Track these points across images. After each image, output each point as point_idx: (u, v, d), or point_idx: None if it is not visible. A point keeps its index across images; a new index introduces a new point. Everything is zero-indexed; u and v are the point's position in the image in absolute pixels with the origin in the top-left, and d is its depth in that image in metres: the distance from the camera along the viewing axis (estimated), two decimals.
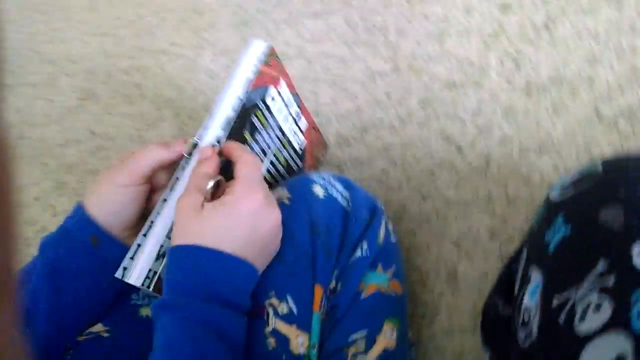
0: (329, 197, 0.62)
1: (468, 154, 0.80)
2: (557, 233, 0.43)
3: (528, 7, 0.89)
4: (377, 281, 0.60)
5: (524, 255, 0.49)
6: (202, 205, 0.48)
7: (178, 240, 0.47)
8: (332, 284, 0.58)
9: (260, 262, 0.50)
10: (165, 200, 0.55)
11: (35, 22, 1.39)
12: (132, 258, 0.54)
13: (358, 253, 0.59)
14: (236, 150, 0.54)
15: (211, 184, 0.51)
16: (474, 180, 0.78)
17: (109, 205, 0.53)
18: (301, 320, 0.54)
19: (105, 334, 0.57)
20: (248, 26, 1.10)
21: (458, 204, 0.77)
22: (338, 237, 0.60)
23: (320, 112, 0.93)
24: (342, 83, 0.95)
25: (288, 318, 0.53)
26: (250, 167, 0.51)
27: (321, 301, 0.56)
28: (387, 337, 0.58)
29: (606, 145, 0.74)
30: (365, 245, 0.60)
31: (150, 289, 0.53)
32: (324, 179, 0.64)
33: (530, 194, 0.74)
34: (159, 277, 0.54)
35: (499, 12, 0.90)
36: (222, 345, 0.44)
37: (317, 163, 0.85)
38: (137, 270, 0.53)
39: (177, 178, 0.56)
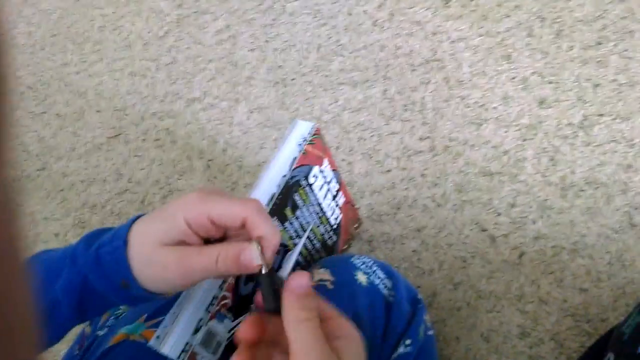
0: (372, 286, 0.62)
1: (501, 245, 0.81)
2: None
3: (565, 104, 0.92)
4: None
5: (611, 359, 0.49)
6: None
7: None
8: None
9: None
10: None
11: (66, 52, 1.41)
12: (166, 327, 0.53)
13: (401, 349, 0.60)
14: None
15: None
16: (506, 273, 0.79)
17: (149, 270, 0.45)
18: None
19: None
20: (285, 85, 1.12)
21: (489, 297, 0.77)
22: (381, 330, 0.60)
23: (354, 183, 0.94)
24: (376, 156, 0.96)
25: None
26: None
27: None
28: None
29: (638, 255, 0.75)
30: (408, 341, 0.60)
31: None
32: (365, 264, 0.65)
33: (563, 296, 0.75)
34: (192, 350, 0.53)
35: (537, 105, 0.93)
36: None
37: (350, 238, 0.86)
38: (171, 341, 0.52)
39: None
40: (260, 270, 0.45)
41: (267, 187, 0.63)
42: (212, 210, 0.43)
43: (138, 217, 0.47)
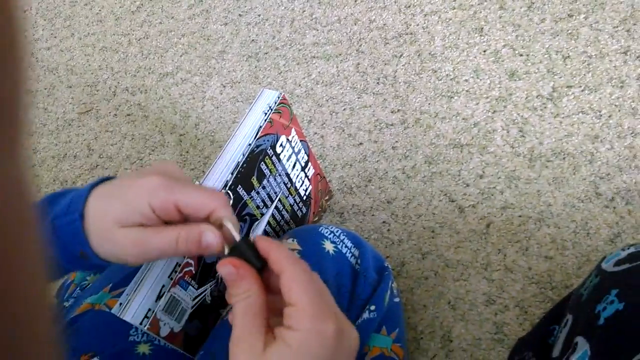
0: (339, 254, 0.63)
1: (469, 215, 0.82)
2: (609, 307, 0.43)
3: (535, 77, 0.92)
4: (381, 345, 0.61)
5: (569, 322, 0.50)
6: (264, 348, 0.39)
7: None
8: None
9: None
10: None
11: (37, 28, 1.38)
12: (129, 295, 0.53)
13: (365, 314, 0.60)
14: (281, 258, 0.41)
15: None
16: (473, 243, 0.79)
17: (107, 246, 0.45)
18: None
19: None
20: (258, 60, 1.11)
21: (457, 266, 0.78)
22: (347, 296, 0.61)
23: (326, 156, 0.94)
24: (348, 129, 0.96)
25: None
26: (309, 286, 0.40)
27: None
28: None
29: (603, 224, 0.77)
30: (372, 307, 0.61)
31: (146, 328, 0.53)
32: (333, 233, 0.65)
33: (528, 264, 0.76)
34: (155, 317, 0.53)
35: (507, 78, 0.93)
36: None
37: (321, 210, 0.86)
38: (134, 307, 0.52)
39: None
40: (223, 252, 0.45)
41: (232, 155, 0.63)
42: (179, 200, 0.43)
43: (95, 185, 0.46)
